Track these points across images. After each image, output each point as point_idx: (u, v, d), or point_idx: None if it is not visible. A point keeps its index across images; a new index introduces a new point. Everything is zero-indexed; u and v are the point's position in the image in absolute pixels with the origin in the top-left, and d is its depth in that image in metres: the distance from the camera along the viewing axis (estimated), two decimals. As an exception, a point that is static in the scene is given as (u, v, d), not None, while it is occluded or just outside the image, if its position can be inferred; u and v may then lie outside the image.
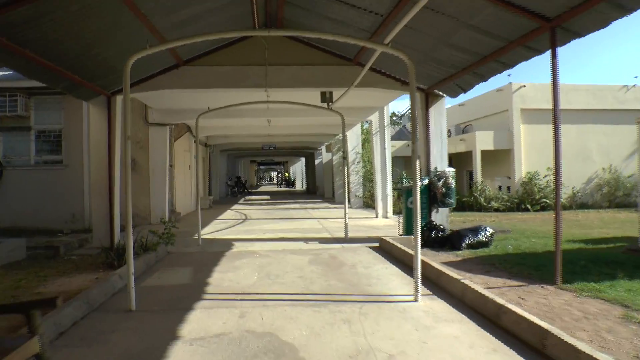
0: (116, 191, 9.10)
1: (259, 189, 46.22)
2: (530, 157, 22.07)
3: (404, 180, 10.69)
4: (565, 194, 19.97)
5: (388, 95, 11.93)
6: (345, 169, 9.70)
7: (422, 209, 9.33)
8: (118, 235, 9.21)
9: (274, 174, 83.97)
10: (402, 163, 24.53)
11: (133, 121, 13.22)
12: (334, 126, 18.27)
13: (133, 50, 5.19)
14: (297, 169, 49.55)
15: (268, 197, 28.96)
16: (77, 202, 13.07)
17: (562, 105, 20.76)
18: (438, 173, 9.48)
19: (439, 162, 9.88)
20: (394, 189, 14.30)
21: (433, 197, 9.44)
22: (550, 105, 5.59)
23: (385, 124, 14.19)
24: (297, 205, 19.86)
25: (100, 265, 7.36)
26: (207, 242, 9.49)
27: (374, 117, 14.17)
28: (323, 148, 26.49)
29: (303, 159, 40.50)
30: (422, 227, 9.23)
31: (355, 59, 9.28)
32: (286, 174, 54.74)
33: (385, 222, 12.82)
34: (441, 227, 9.18)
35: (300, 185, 46.95)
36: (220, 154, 27.86)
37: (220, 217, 15.13)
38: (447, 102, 13.95)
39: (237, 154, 32.37)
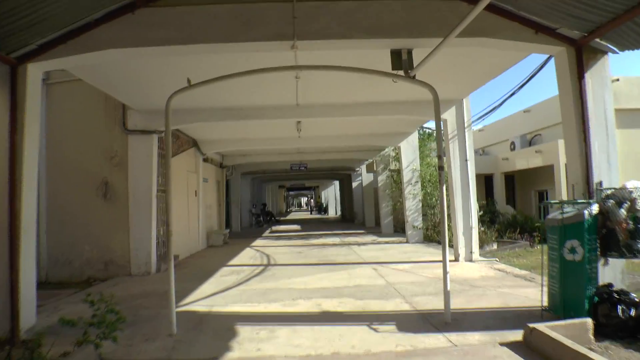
0: (26, 232, 5.05)
1: (288, 217, 42.03)
2: (627, 172, 17.09)
3: (554, 205, 6.14)
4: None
5: (502, 60, 7.31)
6: (444, 188, 5.30)
7: (589, 261, 4.93)
8: (33, 315, 5.16)
9: (304, 199, 79.94)
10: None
11: (105, 126, 9.31)
12: (382, 136, 14.04)
13: None
14: (330, 194, 45.23)
15: (298, 227, 24.64)
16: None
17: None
18: (613, 192, 5.07)
19: (606, 170, 5.50)
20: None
21: (606, 237, 4.98)
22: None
23: (466, 125, 9.82)
24: (336, 240, 15.46)
25: None
26: (191, 325, 5.23)
27: (448, 115, 9.81)
28: (363, 168, 22.17)
29: (337, 183, 36.22)
30: (590, 297, 4.85)
31: (456, -16, 5.06)
32: (318, 199, 50.21)
33: (478, 271, 8.30)
34: (634, 299, 4.69)
35: (333, 211, 42.52)
36: (242, 178, 23.87)
37: (232, 260, 10.89)
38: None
39: (262, 177, 28.36)
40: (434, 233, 13.77)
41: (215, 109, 9.24)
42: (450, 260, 9.65)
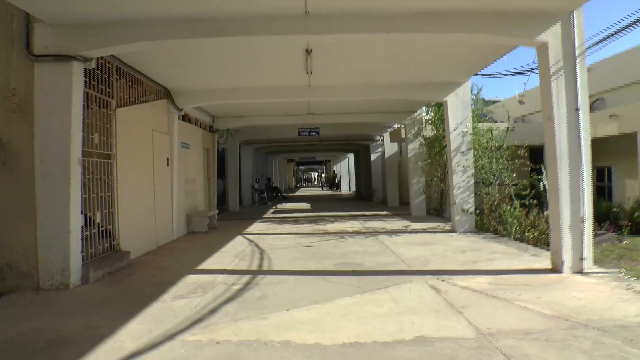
0: None
1: (297, 193, 38.55)
2: None
3: None
4: None
5: None
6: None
7: None
8: None
9: (314, 174, 76.40)
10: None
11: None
12: (421, 86, 10.36)
13: None
14: (343, 169, 41.53)
15: (308, 205, 21.13)
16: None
17: None
18: None
19: None
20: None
21: None
22: None
23: (578, 52, 6.09)
24: (356, 225, 11.92)
25: None
26: None
27: (550, 36, 6.06)
28: (386, 136, 18.47)
29: (351, 156, 32.48)
30: None
31: None
32: (333, 173, 45.92)
33: (620, 299, 4.68)
34: None
35: (346, 187, 38.93)
36: (244, 148, 20.33)
37: (207, 261, 7.37)
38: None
39: (267, 148, 24.75)
40: (492, 220, 10.17)
41: (172, 19, 5.61)
42: (544, 270, 6.15)
